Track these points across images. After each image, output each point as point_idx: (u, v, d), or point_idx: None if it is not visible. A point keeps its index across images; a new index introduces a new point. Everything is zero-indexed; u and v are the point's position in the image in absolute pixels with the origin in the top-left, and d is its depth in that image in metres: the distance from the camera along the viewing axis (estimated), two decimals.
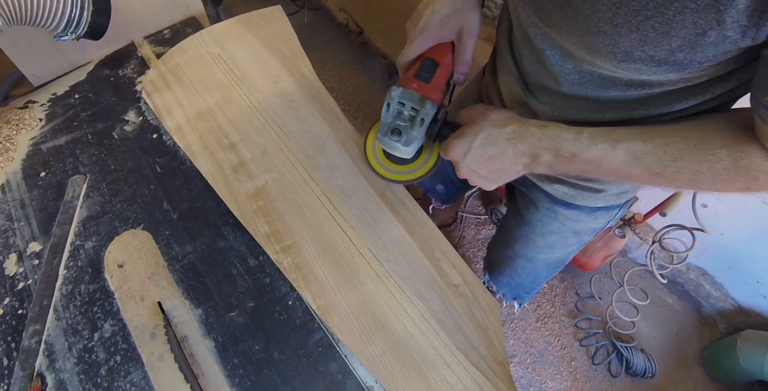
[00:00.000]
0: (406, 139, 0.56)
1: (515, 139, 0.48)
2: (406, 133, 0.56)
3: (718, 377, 1.38)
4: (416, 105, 0.55)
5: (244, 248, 0.67)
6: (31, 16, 0.70)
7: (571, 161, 0.46)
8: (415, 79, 0.57)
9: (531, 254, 0.82)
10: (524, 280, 0.91)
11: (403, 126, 0.57)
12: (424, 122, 0.55)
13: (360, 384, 0.57)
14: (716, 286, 1.43)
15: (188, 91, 0.82)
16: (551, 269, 0.87)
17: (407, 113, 0.57)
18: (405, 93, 0.55)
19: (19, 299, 0.64)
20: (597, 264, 1.37)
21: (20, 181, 0.76)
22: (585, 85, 0.48)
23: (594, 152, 0.45)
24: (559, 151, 0.46)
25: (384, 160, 0.68)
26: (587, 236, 0.75)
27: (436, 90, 0.57)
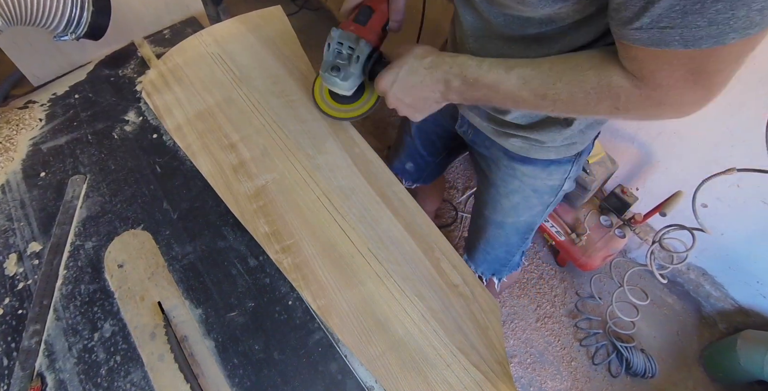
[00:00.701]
0: (344, 75, 0.63)
1: (432, 68, 0.55)
2: (344, 70, 0.63)
3: (718, 377, 1.38)
4: (353, 44, 0.62)
5: (244, 248, 0.67)
6: (31, 16, 0.70)
7: (475, 86, 0.53)
8: (353, 23, 0.63)
9: (499, 218, 0.86)
10: (498, 251, 0.94)
11: (342, 64, 0.63)
12: (360, 59, 0.63)
13: (360, 384, 0.57)
14: (716, 286, 1.43)
15: (188, 91, 0.82)
16: (521, 236, 0.90)
17: (345, 52, 0.63)
18: (343, 34, 0.62)
19: (19, 299, 0.64)
20: (597, 264, 1.37)
21: (20, 181, 0.76)
22: (509, 26, 0.54)
23: (492, 77, 0.51)
24: (465, 76, 0.53)
25: (330, 100, 0.75)
26: (547, 195, 0.80)
27: (371, 33, 0.63)
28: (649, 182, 1.39)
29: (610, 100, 0.45)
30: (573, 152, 0.72)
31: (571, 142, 0.69)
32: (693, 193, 1.02)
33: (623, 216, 1.34)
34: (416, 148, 1.01)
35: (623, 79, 0.43)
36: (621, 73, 0.43)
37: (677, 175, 1.29)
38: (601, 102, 0.46)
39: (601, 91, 0.45)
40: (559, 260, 1.64)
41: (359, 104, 0.73)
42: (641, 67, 0.41)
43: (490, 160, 0.80)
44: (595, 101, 0.46)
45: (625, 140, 1.35)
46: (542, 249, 1.68)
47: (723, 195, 1.20)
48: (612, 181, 1.40)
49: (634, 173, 1.41)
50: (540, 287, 1.60)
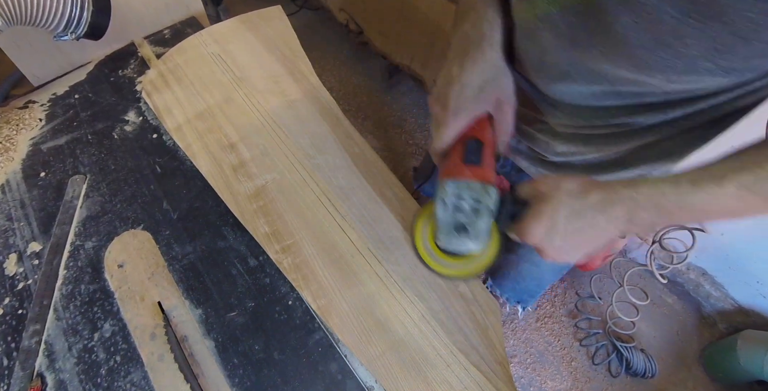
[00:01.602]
0: (475, 235, 0.49)
1: (605, 205, 0.43)
2: (473, 228, 0.49)
3: (718, 377, 1.38)
4: (476, 194, 0.49)
5: (244, 248, 0.67)
6: (31, 16, 0.70)
7: (676, 213, 0.42)
8: (465, 165, 0.50)
9: (537, 258, 0.80)
10: (529, 284, 0.89)
11: (468, 221, 0.49)
12: (491, 211, 0.49)
13: (360, 384, 0.57)
14: (716, 286, 1.43)
15: (188, 91, 0.82)
16: (557, 273, 0.86)
17: (467, 205, 0.50)
18: (460, 184, 0.49)
19: (19, 299, 0.64)
20: (597, 264, 1.37)
21: (20, 181, 0.76)
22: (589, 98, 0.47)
23: (700, 197, 0.40)
24: (661, 205, 0.41)
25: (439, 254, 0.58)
26: None
27: (491, 170, 0.51)
28: None
29: None
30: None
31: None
32: None
33: None
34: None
35: None
36: None
37: None
38: None
39: None
40: None
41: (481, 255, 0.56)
42: None
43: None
44: None
45: None
46: None
47: None
48: None
49: None
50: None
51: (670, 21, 0.35)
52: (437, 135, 0.53)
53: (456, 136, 0.53)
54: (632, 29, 0.38)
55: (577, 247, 0.46)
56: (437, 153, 0.55)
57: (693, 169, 0.41)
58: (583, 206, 0.44)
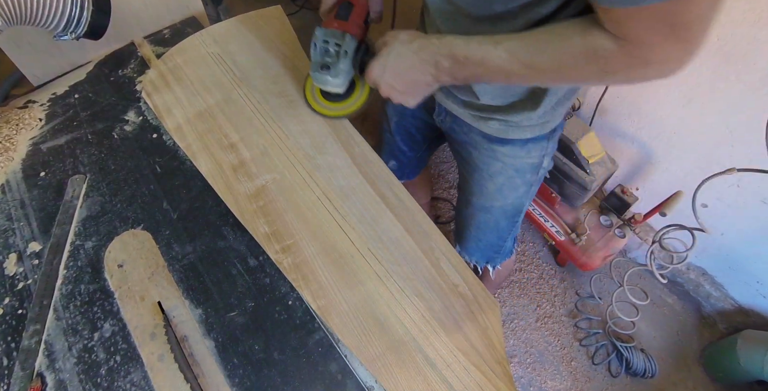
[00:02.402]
0: (334, 72, 0.63)
1: (420, 50, 0.56)
2: (333, 67, 0.63)
3: (718, 377, 1.38)
4: (338, 40, 0.63)
5: (244, 248, 0.67)
6: (31, 15, 0.70)
7: (465, 64, 0.53)
8: (335, 19, 0.64)
9: (486, 202, 0.87)
10: (489, 237, 0.94)
11: (330, 61, 0.64)
12: (348, 54, 0.63)
13: (360, 384, 0.57)
14: (716, 286, 1.43)
15: (188, 91, 0.82)
16: (510, 220, 0.91)
17: (332, 49, 0.64)
18: (327, 32, 0.63)
19: (19, 299, 0.64)
20: (597, 264, 1.37)
21: (20, 181, 0.76)
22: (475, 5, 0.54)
23: (480, 53, 0.52)
24: (454, 55, 0.53)
25: (323, 100, 0.75)
26: (529, 173, 0.81)
27: (355, 26, 0.64)
28: (649, 182, 1.38)
29: (597, 64, 0.46)
30: (547, 130, 0.74)
31: (544, 120, 0.71)
32: (693, 193, 1.02)
33: (623, 216, 1.34)
34: (396, 145, 1.03)
35: (608, 41, 0.44)
36: (605, 36, 0.44)
37: (677, 175, 1.29)
38: (589, 66, 0.47)
39: (588, 56, 0.46)
40: (559, 260, 1.64)
41: (353, 100, 0.74)
42: (623, 28, 0.42)
43: (470, 146, 0.82)
44: (583, 66, 0.47)
45: (625, 140, 1.35)
46: (542, 249, 1.68)
47: (723, 195, 1.20)
48: (612, 181, 1.40)
49: (634, 173, 1.41)
50: (540, 287, 1.59)
51: None
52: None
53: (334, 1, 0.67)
54: None
55: (403, 85, 0.60)
56: (322, 12, 0.69)
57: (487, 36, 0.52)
58: (407, 51, 0.57)
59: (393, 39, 0.58)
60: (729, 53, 0.96)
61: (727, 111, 1.06)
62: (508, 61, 0.50)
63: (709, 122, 1.11)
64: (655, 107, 1.20)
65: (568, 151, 1.23)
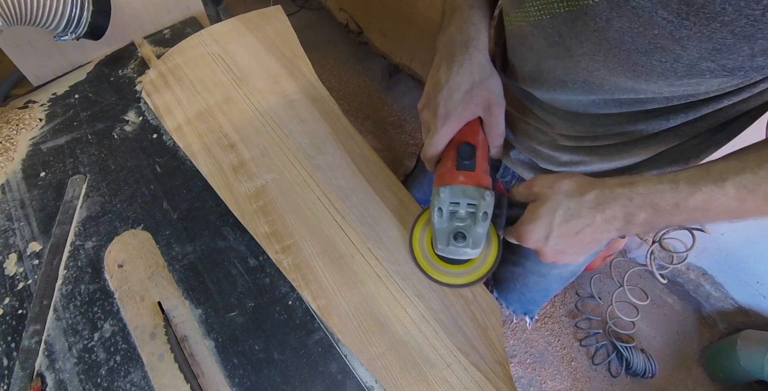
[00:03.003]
0: (473, 241, 0.49)
1: (601, 205, 0.42)
2: (470, 235, 0.49)
3: (718, 377, 1.38)
4: (472, 200, 0.49)
5: (244, 248, 0.67)
6: (31, 16, 0.70)
7: (673, 213, 0.41)
8: (459, 171, 0.50)
9: (544, 270, 0.79)
10: (536, 295, 0.88)
11: (464, 226, 0.49)
12: (488, 216, 0.48)
13: (360, 384, 0.57)
14: (716, 286, 1.43)
15: (188, 91, 0.82)
16: (563, 282, 0.85)
17: (463, 211, 0.49)
18: (455, 191, 0.49)
19: (19, 299, 0.64)
20: (597, 264, 1.37)
21: (20, 181, 0.76)
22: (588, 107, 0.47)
23: (699, 197, 0.39)
24: (657, 205, 0.41)
25: (438, 261, 0.58)
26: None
27: (485, 175, 0.50)
28: None
29: None
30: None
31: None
32: None
33: None
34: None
35: None
36: None
37: None
38: None
39: None
40: None
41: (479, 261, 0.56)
42: None
43: None
44: None
45: None
46: None
47: None
48: None
49: None
50: None
51: (665, 24, 0.34)
52: (428, 141, 0.52)
53: (447, 142, 0.52)
54: (627, 34, 0.37)
55: (575, 248, 0.46)
56: (430, 160, 0.54)
57: (692, 169, 0.41)
58: (580, 206, 0.43)
59: (552, 191, 0.45)
60: None
61: None
62: (743, 200, 0.39)
63: None
64: None
65: None
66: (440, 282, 0.58)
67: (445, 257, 0.54)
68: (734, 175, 0.38)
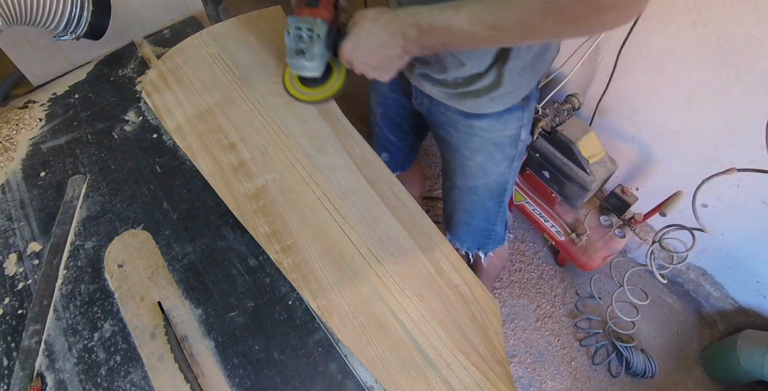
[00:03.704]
0: (309, 56, 0.66)
1: (387, 25, 0.57)
2: (307, 51, 0.66)
3: (718, 377, 1.38)
4: (310, 26, 0.65)
5: (244, 248, 0.67)
6: (31, 15, 0.70)
7: (431, 32, 0.55)
8: (305, 7, 0.66)
9: (470, 182, 0.88)
10: (477, 220, 0.95)
11: (304, 47, 0.66)
12: (320, 37, 0.65)
13: (360, 384, 0.57)
14: (716, 286, 1.43)
15: (188, 91, 0.82)
16: (496, 199, 0.91)
17: (305, 35, 0.66)
18: (298, 19, 0.66)
19: (19, 299, 0.64)
20: (597, 264, 1.37)
21: (20, 181, 0.76)
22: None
23: (443, 19, 0.52)
24: (419, 25, 0.55)
25: (302, 87, 0.77)
26: (508, 147, 0.82)
27: (325, 11, 0.67)
28: (649, 182, 1.38)
29: (554, 16, 0.46)
30: (519, 98, 0.75)
31: (513, 89, 0.72)
32: (693, 193, 1.02)
33: (623, 216, 1.34)
34: (386, 137, 1.06)
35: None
36: None
37: (677, 175, 1.29)
38: (547, 19, 0.47)
39: (545, 9, 0.46)
40: (559, 260, 1.64)
41: (331, 83, 0.76)
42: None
43: (449, 125, 0.83)
44: (542, 20, 0.48)
45: (625, 140, 1.35)
46: (542, 249, 1.68)
47: (723, 195, 1.20)
48: (612, 181, 1.40)
49: (634, 173, 1.41)
50: (540, 287, 1.59)
51: None
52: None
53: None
54: None
55: (374, 60, 0.62)
56: (293, 2, 0.71)
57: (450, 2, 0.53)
58: (374, 26, 0.59)
59: (362, 18, 0.61)
60: (729, 53, 0.96)
61: (727, 111, 1.06)
62: (472, 25, 0.51)
63: (709, 122, 1.11)
64: (655, 107, 1.20)
65: (568, 151, 1.23)
66: (301, 100, 0.78)
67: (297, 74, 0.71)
68: (468, 4, 0.50)
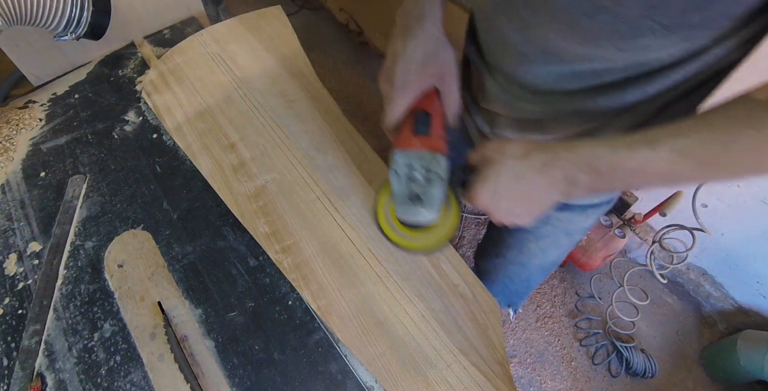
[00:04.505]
0: (428, 203, 0.50)
1: (545, 167, 0.45)
2: (426, 197, 0.50)
3: (718, 377, 1.38)
4: (426, 163, 0.51)
5: (244, 248, 0.67)
6: (31, 15, 0.70)
7: (612, 176, 0.43)
8: (415, 136, 0.52)
9: (524, 260, 0.80)
10: (518, 286, 0.90)
11: (420, 190, 0.51)
12: (442, 178, 0.51)
13: (360, 384, 0.57)
14: (716, 286, 1.43)
15: (188, 91, 0.82)
16: (544, 273, 0.87)
17: (420, 176, 0.51)
18: (410, 155, 0.51)
19: (19, 299, 0.64)
20: (597, 264, 1.37)
21: (20, 181, 0.76)
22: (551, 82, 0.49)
23: (636, 160, 0.41)
24: (598, 168, 0.43)
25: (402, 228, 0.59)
26: (579, 234, 0.76)
27: (440, 140, 0.53)
28: None
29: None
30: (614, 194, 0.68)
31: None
32: (693, 193, 1.02)
33: (623, 216, 1.34)
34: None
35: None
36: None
37: None
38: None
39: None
40: None
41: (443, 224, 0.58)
42: None
43: None
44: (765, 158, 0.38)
45: None
46: None
47: (723, 195, 1.20)
48: None
49: None
50: (540, 287, 1.59)
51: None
52: (387, 111, 0.55)
53: (405, 111, 0.54)
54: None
55: (523, 209, 0.49)
56: (389, 128, 0.57)
57: (632, 134, 0.42)
58: (525, 168, 0.45)
59: (499, 154, 0.47)
60: None
61: None
62: (677, 164, 0.40)
63: None
64: None
65: None
66: (403, 247, 0.59)
67: (405, 221, 0.55)
68: (669, 140, 0.40)
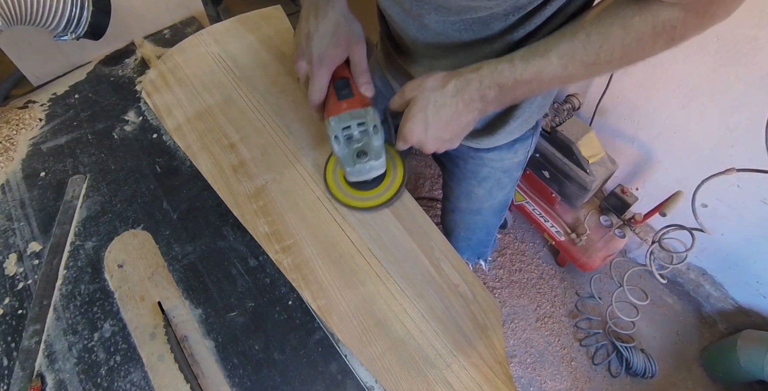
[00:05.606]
0: (374, 153, 0.54)
1: (459, 92, 0.50)
2: (369, 148, 0.54)
3: (718, 377, 1.38)
4: (359, 119, 0.55)
5: (244, 248, 0.67)
6: (31, 15, 0.70)
7: (515, 87, 0.49)
8: (340, 101, 0.56)
9: (475, 206, 0.87)
10: (479, 234, 0.95)
11: (362, 145, 0.55)
12: (378, 127, 0.55)
13: (360, 384, 0.57)
14: (716, 286, 1.43)
15: (188, 91, 0.82)
16: (498, 215, 0.92)
17: (357, 133, 0.56)
18: (342, 117, 0.55)
19: (19, 299, 0.64)
20: (597, 264, 1.37)
21: (20, 181, 0.76)
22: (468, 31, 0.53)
23: (531, 70, 0.47)
24: (501, 83, 0.49)
25: (352, 190, 0.63)
26: (515, 171, 0.82)
27: (365, 98, 0.57)
28: (649, 182, 1.39)
29: (665, 36, 0.43)
30: (531, 125, 0.73)
31: (528, 115, 0.69)
32: (693, 193, 1.02)
33: (623, 216, 1.34)
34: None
35: (672, 10, 0.41)
36: (667, 6, 0.41)
37: (677, 175, 1.29)
38: (656, 41, 0.43)
39: (654, 33, 0.42)
40: (559, 260, 1.64)
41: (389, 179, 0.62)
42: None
43: (458, 158, 0.81)
44: (651, 44, 0.44)
45: (625, 140, 1.35)
46: (542, 249, 1.68)
47: (723, 195, 1.20)
48: (612, 181, 1.40)
49: (634, 173, 1.41)
50: (540, 287, 1.60)
51: None
52: (311, 90, 0.58)
53: (327, 82, 0.58)
54: None
55: (451, 133, 0.53)
56: (316, 103, 0.60)
57: (524, 48, 0.48)
58: (444, 97, 0.50)
59: (419, 89, 0.52)
60: (729, 53, 0.96)
61: (727, 111, 1.06)
62: (567, 67, 0.46)
63: (709, 122, 1.11)
64: (655, 107, 1.20)
65: (568, 152, 1.23)
66: (362, 208, 0.62)
67: (359, 180, 0.58)
68: (555, 46, 0.46)
